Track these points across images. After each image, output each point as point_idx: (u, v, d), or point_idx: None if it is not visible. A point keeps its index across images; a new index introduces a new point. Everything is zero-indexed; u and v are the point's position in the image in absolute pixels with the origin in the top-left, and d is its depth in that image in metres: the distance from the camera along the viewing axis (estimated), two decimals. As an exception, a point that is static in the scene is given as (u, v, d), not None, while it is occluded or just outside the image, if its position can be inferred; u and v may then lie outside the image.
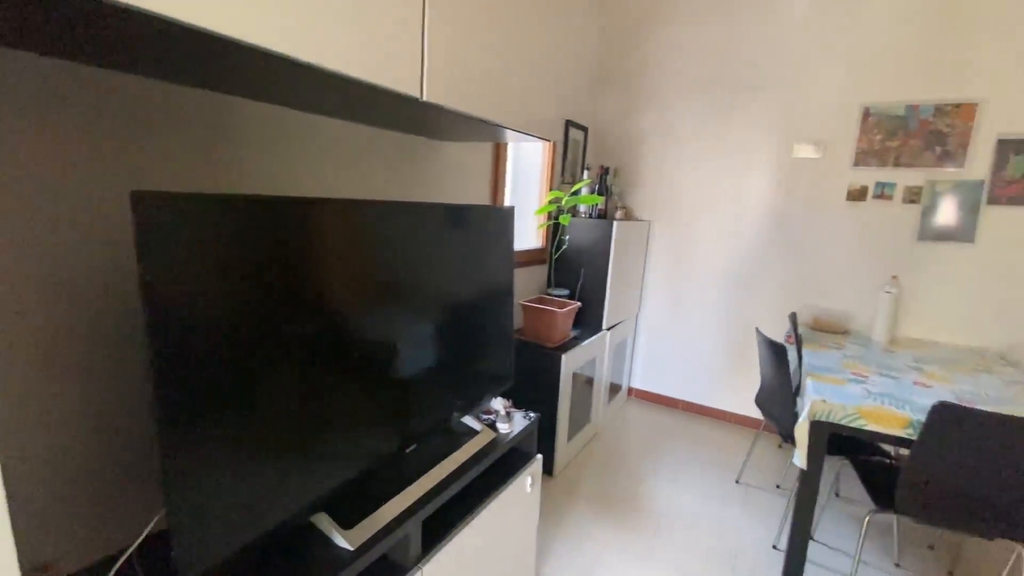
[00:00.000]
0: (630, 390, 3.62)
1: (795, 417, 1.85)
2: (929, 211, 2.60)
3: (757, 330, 2.26)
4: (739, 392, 3.21)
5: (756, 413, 3.14)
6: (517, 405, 1.76)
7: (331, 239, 1.01)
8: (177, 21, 0.65)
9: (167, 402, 0.74)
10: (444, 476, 1.28)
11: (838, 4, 2.71)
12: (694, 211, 3.24)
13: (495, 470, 1.53)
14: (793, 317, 2.68)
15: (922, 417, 1.53)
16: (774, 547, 2.04)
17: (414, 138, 1.76)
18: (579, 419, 2.72)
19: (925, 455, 1.51)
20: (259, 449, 0.89)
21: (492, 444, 1.48)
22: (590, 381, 2.83)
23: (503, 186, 2.40)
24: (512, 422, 1.57)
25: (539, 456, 1.66)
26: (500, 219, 1.58)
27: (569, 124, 3.05)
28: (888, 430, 1.61)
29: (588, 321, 2.92)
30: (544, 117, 1.63)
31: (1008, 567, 1.80)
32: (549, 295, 2.81)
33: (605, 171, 3.06)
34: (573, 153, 3.18)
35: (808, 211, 2.90)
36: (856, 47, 2.69)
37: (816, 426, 1.71)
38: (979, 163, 2.49)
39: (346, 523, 1.04)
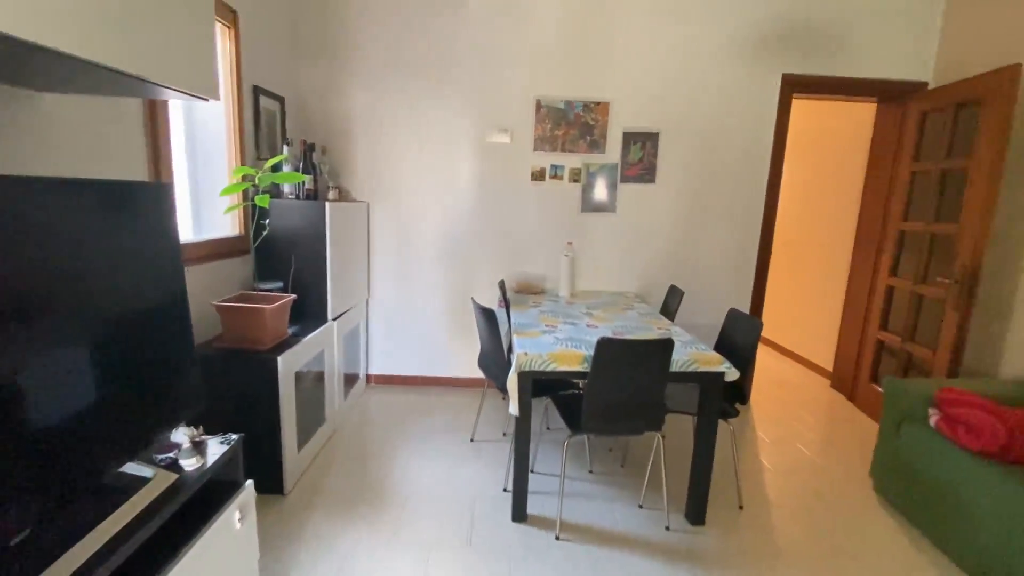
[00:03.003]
0: (369, 377, 3.52)
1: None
2: (587, 189, 3.27)
3: (472, 300, 2.44)
4: (467, 357, 3.48)
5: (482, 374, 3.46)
6: (220, 428, 1.45)
7: None
8: None
9: None
10: (88, 556, 0.93)
11: (511, 10, 3.07)
12: (413, 192, 3.28)
13: (186, 516, 1.22)
14: (502, 284, 3.02)
15: (591, 352, 1.90)
16: (504, 490, 2.29)
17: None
18: (311, 422, 2.48)
19: (595, 381, 1.89)
20: None
21: (174, 489, 1.16)
22: (320, 377, 2.61)
23: (167, 160, 1.90)
24: (203, 454, 1.28)
25: (249, 483, 1.41)
26: (147, 200, 1.22)
27: (259, 91, 2.64)
28: (571, 367, 1.95)
29: (311, 313, 2.66)
30: (204, 72, 1.31)
31: (653, 450, 2.46)
32: (257, 290, 2.44)
33: (310, 147, 2.78)
34: (269, 126, 2.78)
35: (505, 190, 3.28)
36: (527, 48, 3.12)
37: (522, 376, 1.95)
38: (613, 150, 3.24)
39: None
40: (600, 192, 3.28)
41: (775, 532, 2.08)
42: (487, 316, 2.28)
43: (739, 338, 2.33)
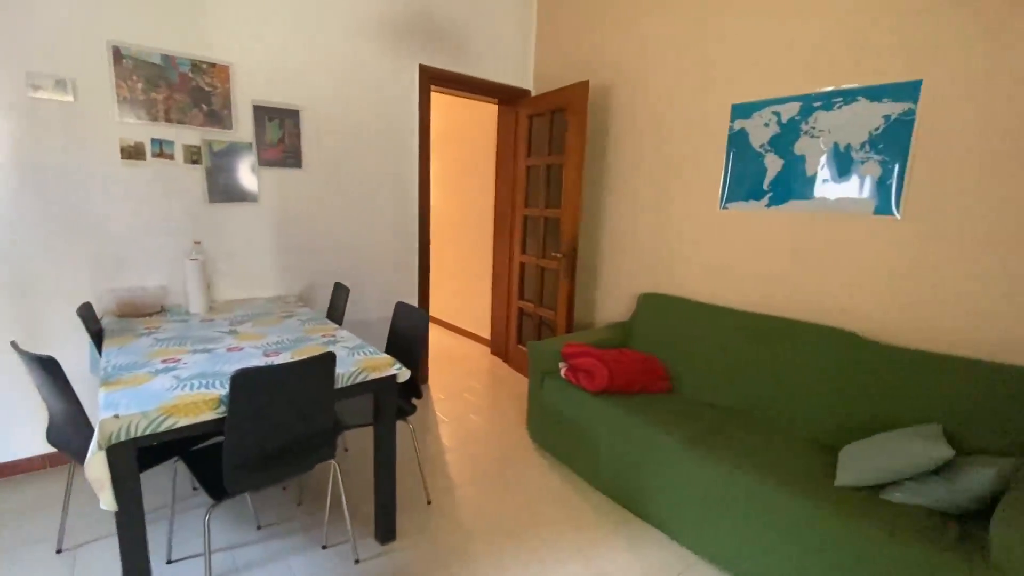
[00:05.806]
0: None
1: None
2: (213, 172, 2.58)
3: (13, 345, 1.55)
4: (35, 427, 2.32)
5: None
6: None
7: None
8: None
9: None
10: None
11: None
12: None
13: None
14: (87, 309, 2.09)
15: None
16: (122, 609, 1.58)
17: None
18: None
19: (237, 427, 1.45)
20: None
21: None
22: None
23: None
24: None
25: None
26: None
27: None
28: (203, 417, 1.43)
29: None
30: None
31: (330, 478, 2.16)
32: None
33: None
34: None
35: (78, 171, 2.25)
36: (81, -36, 2.17)
37: (116, 451, 1.32)
38: (244, 126, 2.65)
39: None
40: (234, 177, 2.65)
41: (462, 514, 2.13)
42: (45, 368, 1.47)
43: (409, 332, 2.27)
